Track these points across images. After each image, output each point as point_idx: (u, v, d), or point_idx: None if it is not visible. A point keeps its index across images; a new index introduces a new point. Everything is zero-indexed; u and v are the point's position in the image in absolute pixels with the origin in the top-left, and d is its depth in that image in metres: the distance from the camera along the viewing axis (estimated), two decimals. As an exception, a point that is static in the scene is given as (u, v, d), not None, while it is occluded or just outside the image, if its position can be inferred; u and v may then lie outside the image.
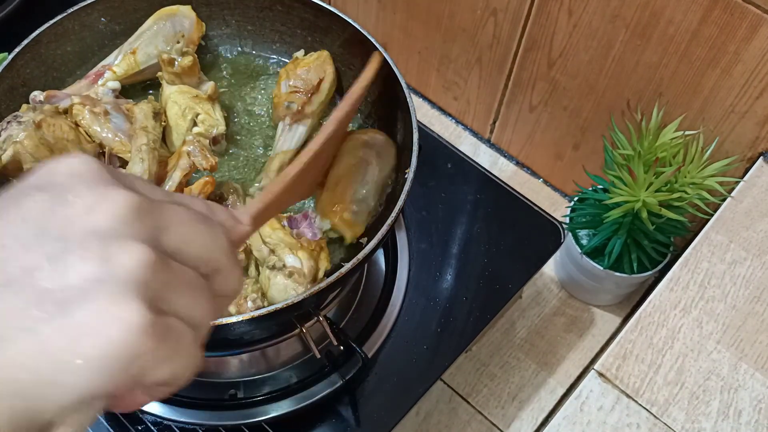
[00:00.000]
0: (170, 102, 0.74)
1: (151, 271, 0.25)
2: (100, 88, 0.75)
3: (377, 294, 0.85)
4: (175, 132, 0.74)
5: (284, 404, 0.76)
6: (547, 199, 1.14)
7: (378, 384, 0.79)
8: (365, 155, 0.73)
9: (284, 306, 0.57)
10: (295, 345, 0.79)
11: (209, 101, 0.75)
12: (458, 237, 0.90)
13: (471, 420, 0.94)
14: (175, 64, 0.73)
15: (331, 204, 0.70)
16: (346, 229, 0.70)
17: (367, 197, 0.72)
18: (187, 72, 0.74)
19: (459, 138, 1.19)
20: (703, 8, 0.76)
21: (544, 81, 1.00)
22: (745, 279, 0.75)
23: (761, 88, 0.78)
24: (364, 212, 0.72)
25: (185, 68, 0.73)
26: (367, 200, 0.72)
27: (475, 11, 0.99)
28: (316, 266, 0.65)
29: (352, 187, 0.71)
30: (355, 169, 0.72)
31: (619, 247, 0.89)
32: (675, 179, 0.80)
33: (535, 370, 0.98)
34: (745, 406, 0.67)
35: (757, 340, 0.71)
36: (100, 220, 0.26)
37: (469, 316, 0.83)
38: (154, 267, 0.26)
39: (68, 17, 0.75)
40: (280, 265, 0.64)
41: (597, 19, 0.86)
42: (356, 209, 0.71)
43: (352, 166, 0.72)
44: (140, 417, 0.77)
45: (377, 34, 0.75)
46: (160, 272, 0.26)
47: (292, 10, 0.81)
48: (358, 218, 0.71)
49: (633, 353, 0.70)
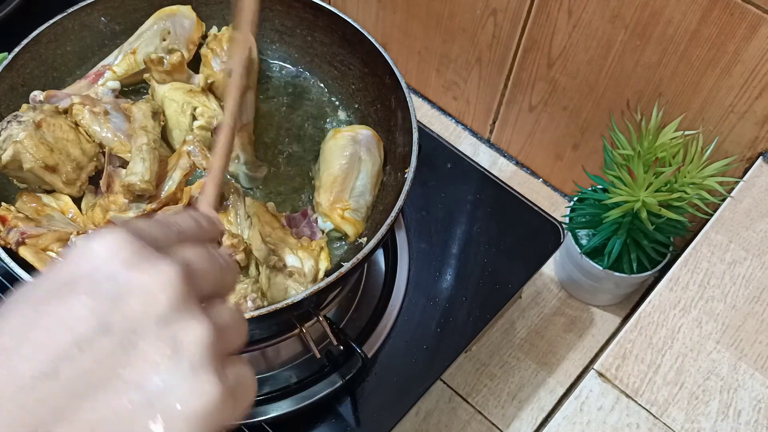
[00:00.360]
0: (167, 100, 0.74)
1: (213, 337, 0.28)
2: (99, 88, 0.75)
3: (377, 294, 0.85)
4: (177, 129, 0.74)
5: (284, 404, 0.76)
6: (546, 199, 1.14)
7: (378, 384, 0.79)
8: (355, 151, 0.73)
9: (284, 306, 0.57)
10: (295, 345, 0.79)
11: (203, 93, 0.75)
12: (458, 237, 0.90)
13: (471, 420, 0.94)
14: (165, 62, 0.73)
15: (331, 204, 0.71)
16: (349, 227, 0.71)
17: (364, 192, 0.72)
18: (177, 68, 0.74)
19: (459, 138, 1.19)
20: (703, 8, 0.76)
21: (543, 81, 1.00)
22: (745, 279, 0.75)
23: (761, 88, 0.79)
24: (363, 207, 0.72)
25: (175, 65, 0.73)
26: (365, 195, 0.72)
27: (474, 11, 0.99)
28: (316, 266, 0.65)
29: (348, 184, 0.71)
30: (348, 166, 0.72)
31: (618, 247, 0.89)
32: (675, 179, 0.80)
33: (534, 370, 0.98)
34: (745, 406, 0.67)
35: (756, 340, 0.71)
36: (160, 303, 0.27)
37: (469, 316, 0.83)
38: (214, 333, 0.28)
39: (68, 17, 0.75)
40: (280, 265, 0.64)
41: (597, 19, 0.86)
42: (356, 206, 0.71)
43: (344, 165, 0.72)
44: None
45: (377, 34, 0.75)
46: (218, 336, 0.28)
47: (292, 10, 0.81)
48: (358, 215, 0.71)
49: (633, 353, 0.70)
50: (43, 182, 0.67)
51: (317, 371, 0.79)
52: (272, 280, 0.64)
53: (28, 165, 0.64)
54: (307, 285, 0.64)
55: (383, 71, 0.74)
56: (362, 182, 0.72)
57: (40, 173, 0.66)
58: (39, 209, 0.67)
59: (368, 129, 0.76)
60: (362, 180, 0.72)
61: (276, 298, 0.62)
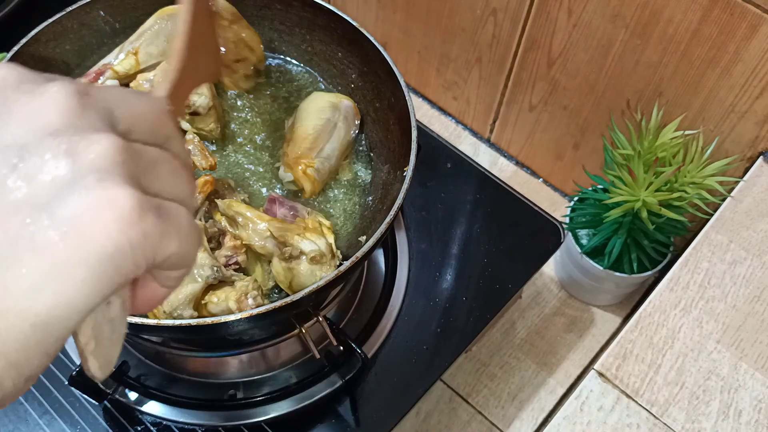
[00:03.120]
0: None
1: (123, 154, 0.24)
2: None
3: (377, 294, 0.85)
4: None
5: (284, 405, 0.76)
6: (546, 199, 1.14)
7: (378, 384, 0.79)
8: (333, 117, 0.76)
9: (283, 304, 0.57)
10: (295, 345, 0.79)
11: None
12: (458, 237, 0.90)
13: (471, 420, 0.94)
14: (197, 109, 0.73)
15: (297, 158, 0.73)
16: (308, 183, 0.73)
17: (330, 157, 0.75)
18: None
19: (459, 138, 1.19)
20: (703, 8, 0.76)
21: (543, 81, 1.00)
22: (745, 279, 0.75)
23: (761, 88, 0.78)
24: (325, 171, 0.74)
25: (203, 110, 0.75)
26: (330, 160, 0.75)
27: (474, 11, 0.99)
28: (327, 242, 0.65)
29: (318, 145, 0.74)
30: (322, 128, 0.74)
31: (618, 246, 0.89)
32: (675, 179, 0.80)
33: (535, 370, 0.98)
34: (745, 406, 0.67)
35: (757, 339, 0.71)
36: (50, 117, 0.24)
37: (469, 317, 0.83)
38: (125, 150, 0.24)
39: (67, 16, 0.75)
40: (297, 254, 0.63)
41: (597, 18, 0.86)
42: (319, 166, 0.73)
43: (319, 125, 0.74)
44: (140, 418, 0.76)
45: (376, 34, 0.75)
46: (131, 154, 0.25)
47: (291, 9, 0.81)
48: (319, 175, 0.73)
49: (633, 353, 0.70)
50: None
51: (317, 372, 0.78)
52: (296, 269, 0.63)
53: None
54: (330, 263, 0.64)
55: (382, 70, 0.74)
56: (331, 146, 0.75)
57: None
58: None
59: (350, 100, 0.79)
60: (332, 144, 0.75)
61: (304, 285, 0.62)
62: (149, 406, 0.76)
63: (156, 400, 0.77)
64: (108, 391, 0.76)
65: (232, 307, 0.60)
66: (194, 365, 0.79)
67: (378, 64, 0.75)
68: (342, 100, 0.77)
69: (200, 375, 0.79)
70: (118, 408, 0.77)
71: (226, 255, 0.65)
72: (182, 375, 0.79)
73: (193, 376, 0.79)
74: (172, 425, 0.76)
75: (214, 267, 0.60)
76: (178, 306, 0.58)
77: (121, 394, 0.76)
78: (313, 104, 0.77)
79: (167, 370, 0.79)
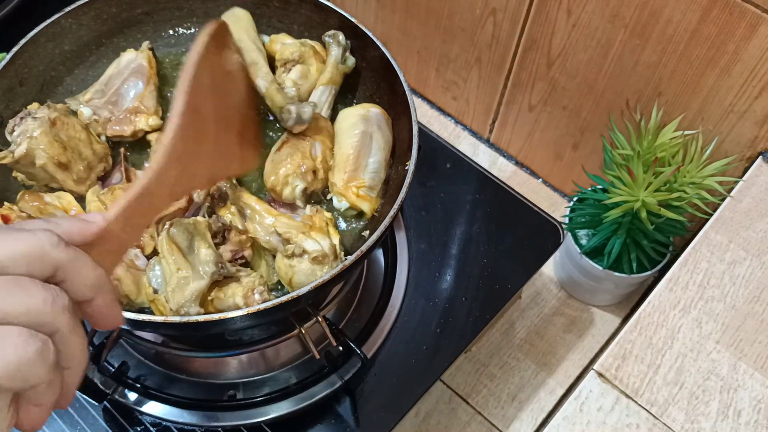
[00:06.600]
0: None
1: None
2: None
3: (377, 294, 0.85)
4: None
5: (283, 405, 0.76)
6: (546, 199, 1.14)
7: (377, 384, 0.79)
8: (367, 128, 0.73)
9: (281, 303, 0.57)
10: (295, 346, 0.79)
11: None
12: (458, 237, 0.90)
13: (471, 420, 0.94)
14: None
15: (345, 183, 0.70)
16: (365, 204, 0.70)
17: (378, 170, 0.72)
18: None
19: (458, 138, 1.19)
20: (702, 8, 0.76)
21: (543, 81, 1.00)
22: (745, 279, 0.75)
23: (760, 88, 0.78)
24: (378, 184, 0.72)
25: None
26: (379, 172, 0.72)
27: (474, 11, 0.99)
28: (332, 242, 0.65)
29: (362, 162, 0.71)
30: (360, 144, 0.72)
31: (618, 247, 0.89)
32: (674, 179, 0.80)
33: (534, 371, 0.98)
34: (745, 406, 0.67)
35: (756, 340, 0.71)
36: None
37: (469, 317, 0.83)
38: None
39: (65, 16, 0.74)
40: (299, 252, 0.63)
41: (596, 18, 0.86)
42: (371, 183, 0.71)
43: (356, 143, 0.72)
44: (139, 418, 0.76)
45: (375, 34, 0.75)
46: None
47: (289, 6, 0.81)
48: (373, 192, 0.71)
49: (632, 353, 0.70)
50: (52, 180, 0.67)
51: (317, 372, 0.78)
52: (296, 267, 0.63)
53: (40, 161, 0.65)
54: (332, 264, 0.64)
55: (381, 66, 0.74)
56: (375, 159, 0.72)
57: (52, 170, 0.66)
58: (41, 208, 0.67)
59: (376, 107, 0.76)
60: (375, 157, 0.72)
61: (303, 284, 0.62)
62: (149, 406, 0.76)
63: (155, 400, 0.77)
64: (107, 391, 0.76)
65: (239, 302, 0.59)
66: (194, 366, 0.79)
67: (377, 61, 0.75)
68: (369, 109, 0.75)
69: (200, 375, 0.79)
70: (117, 408, 0.77)
71: (231, 249, 0.65)
72: (182, 375, 0.79)
73: (192, 377, 0.79)
74: (172, 426, 0.76)
75: (218, 263, 0.60)
76: (185, 303, 0.58)
77: (121, 395, 0.76)
78: (344, 123, 0.74)
79: (167, 370, 0.79)
